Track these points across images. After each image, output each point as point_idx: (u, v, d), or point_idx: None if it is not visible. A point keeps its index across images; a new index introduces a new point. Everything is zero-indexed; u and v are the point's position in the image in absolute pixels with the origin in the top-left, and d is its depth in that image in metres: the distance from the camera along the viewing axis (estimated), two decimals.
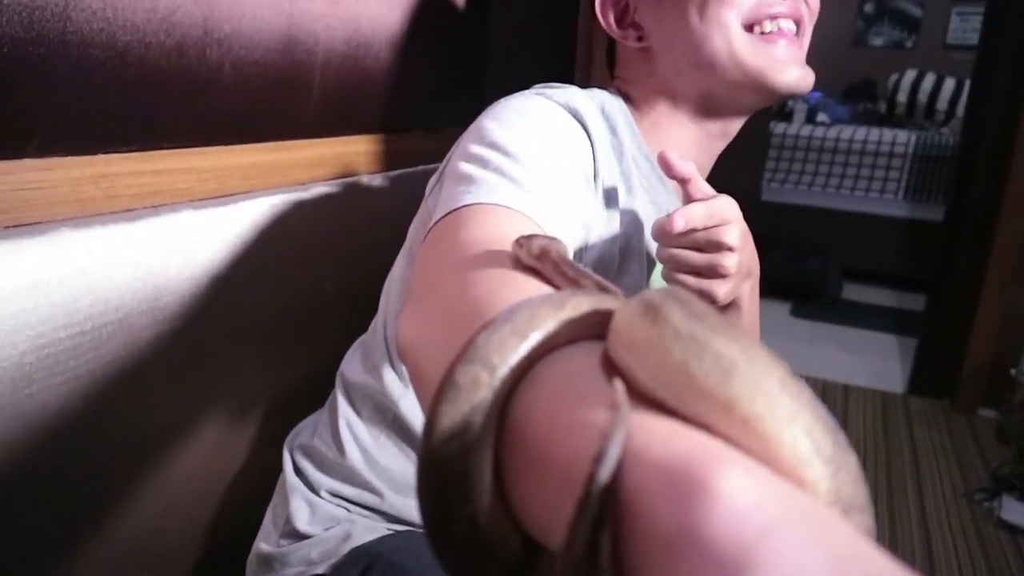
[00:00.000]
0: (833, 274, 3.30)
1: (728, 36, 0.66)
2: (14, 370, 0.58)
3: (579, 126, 0.63)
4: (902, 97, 4.06)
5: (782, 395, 0.19)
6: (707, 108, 0.72)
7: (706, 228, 0.60)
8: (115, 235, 0.65)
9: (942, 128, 3.83)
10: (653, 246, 0.68)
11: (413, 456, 0.73)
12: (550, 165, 0.56)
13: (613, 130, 0.69)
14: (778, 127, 3.81)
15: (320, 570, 0.69)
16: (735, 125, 0.74)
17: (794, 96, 0.71)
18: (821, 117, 4.00)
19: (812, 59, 0.70)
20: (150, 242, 0.68)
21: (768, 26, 0.67)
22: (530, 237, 0.37)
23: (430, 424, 0.23)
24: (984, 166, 2.18)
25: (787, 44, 0.68)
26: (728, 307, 0.69)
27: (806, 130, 3.81)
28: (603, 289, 0.30)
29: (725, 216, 0.60)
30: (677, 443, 0.19)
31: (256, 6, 0.79)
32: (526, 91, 0.65)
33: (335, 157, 0.95)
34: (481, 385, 0.23)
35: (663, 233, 0.59)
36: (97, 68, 0.64)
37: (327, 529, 0.71)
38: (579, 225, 0.63)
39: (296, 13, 0.84)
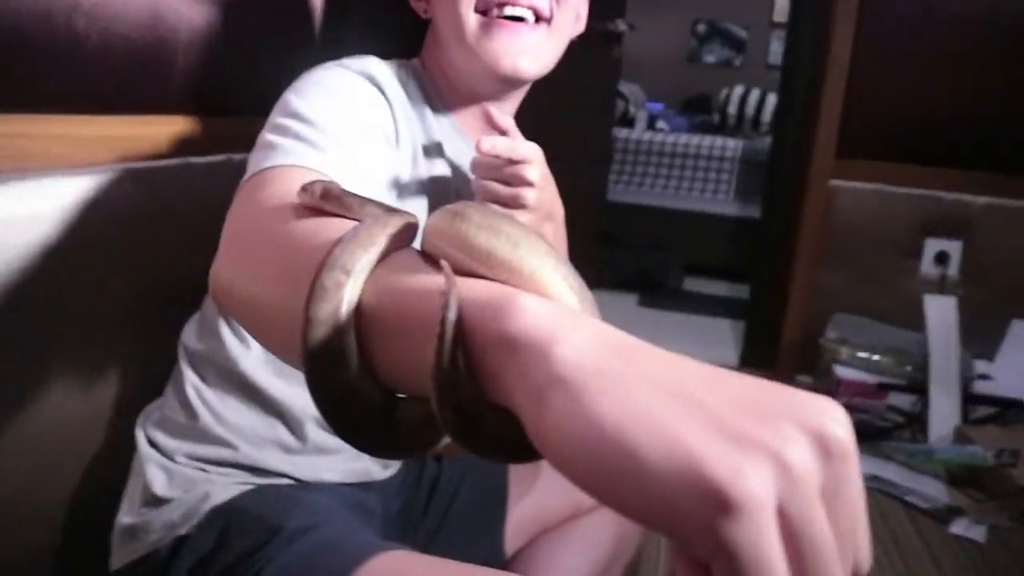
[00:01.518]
0: (674, 267, 3.60)
1: (458, 17, 0.71)
2: None
3: (376, 90, 0.70)
4: (732, 109, 4.49)
5: (548, 256, 0.33)
6: (470, 83, 0.77)
7: (512, 164, 0.70)
8: None
9: (766, 137, 4.27)
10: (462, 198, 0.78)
11: (260, 411, 0.76)
12: (347, 127, 0.62)
13: (410, 96, 0.76)
14: (621, 132, 4.10)
15: (183, 531, 0.69)
16: (506, 100, 0.79)
17: (514, 82, 0.76)
18: (661, 125, 4.36)
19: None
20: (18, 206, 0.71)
21: (496, 12, 0.71)
22: (312, 183, 0.42)
23: (308, 319, 0.32)
24: (787, 168, 2.51)
25: (514, 33, 0.71)
26: None
27: (647, 135, 4.13)
28: (390, 210, 0.40)
29: (528, 155, 0.70)
30: (490, 288, 0.30)
31: None
32: (327, 63, 0.71)
33: (201, 134, 1.00)
34: (343, 285, 0.33)
35: (476, 163, 0.71)
36: None
37: (186, 492, 0.72)
38: (384, 179, 0.69)
39: None
